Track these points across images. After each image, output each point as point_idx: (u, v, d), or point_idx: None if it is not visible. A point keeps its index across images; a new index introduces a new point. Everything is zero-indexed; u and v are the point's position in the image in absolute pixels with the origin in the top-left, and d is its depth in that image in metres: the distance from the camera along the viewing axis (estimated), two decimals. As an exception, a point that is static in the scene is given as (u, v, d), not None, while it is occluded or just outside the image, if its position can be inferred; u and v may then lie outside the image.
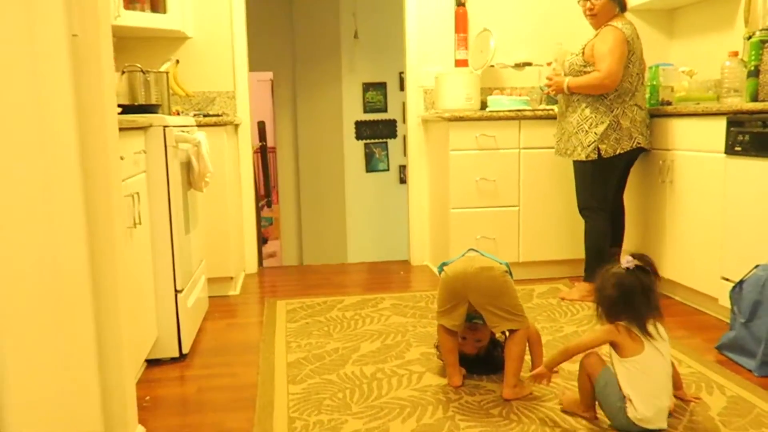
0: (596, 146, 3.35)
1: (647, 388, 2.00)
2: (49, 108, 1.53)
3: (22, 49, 1.36)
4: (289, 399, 2.35)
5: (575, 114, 3.43)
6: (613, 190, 3.53)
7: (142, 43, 4.08)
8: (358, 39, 6.50)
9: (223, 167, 3.69)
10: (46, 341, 1.38)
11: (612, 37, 3.28)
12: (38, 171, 1.40)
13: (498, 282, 2.34)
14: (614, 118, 3.33)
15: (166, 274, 2.71)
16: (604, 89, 3.31)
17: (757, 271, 2.60)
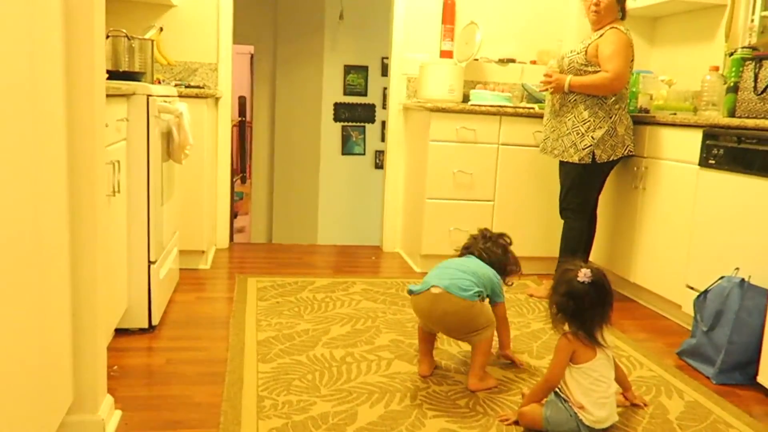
0: (591, 150, 3.33)
1: (600, 392, 2.04)
2: (41, 69, 1.50)
3: (20, 8, 1.33)
4: (259, 377, 2.35)
5: (570, 114, 3.38)
6: (597, 194, 3.57)
7: (127, 7, 4.00)
8: (342, 20, 6.46)
9: (201, 140, 3.66)
10: (19, 302, 1.36)
11: (618, 39, 3.25)
12: (26, 129, 1.38)
13: (462, 319, 2.36)
14: (612, 124, 3.32)
15: (140, 244, 2.69)
16: (611, 90, 3.27)
17: (722, 282, 2.68)
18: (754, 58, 2.97)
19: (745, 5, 3.66)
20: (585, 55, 3.32)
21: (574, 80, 3.31)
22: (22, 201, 1.38)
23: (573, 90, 3.33)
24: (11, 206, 1.31)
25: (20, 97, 1.36)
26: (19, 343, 1.38)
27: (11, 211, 1.31)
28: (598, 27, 3.36)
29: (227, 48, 4.26)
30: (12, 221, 1.32)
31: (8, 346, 1.32)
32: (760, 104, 2.88)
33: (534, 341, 2.89)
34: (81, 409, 1.84)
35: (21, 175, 1.36)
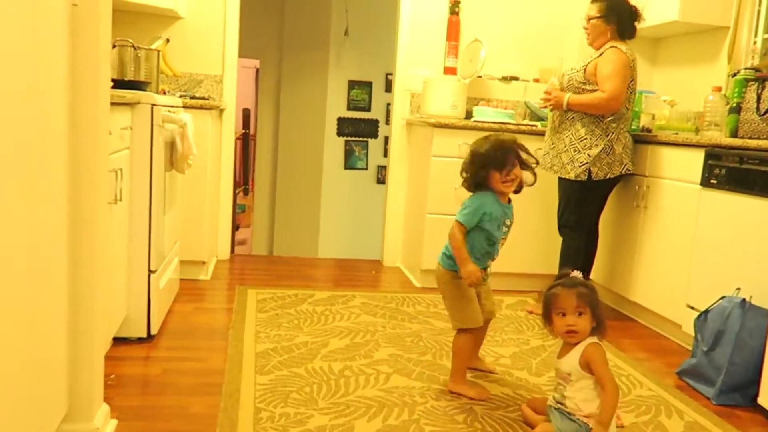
0: (588, 168, 3.36)
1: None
2: (45, 76, 1.51)
3: (24, 16, 1.35)
4: (256, 389, 2.35)
5: (568, 132, 3.41)
6: (595, 211, 3.58)
7: (133, 17, 4.03)
8: (348, 36, 6.50)
9: (205, 151, 3.67)
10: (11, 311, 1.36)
11: (617, 58, 3.28)
12: (26, 134, 1.39)
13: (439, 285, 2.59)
14: (609, 143, 3.34)
15: (141, 253, 2.69)
16: (607, 110, 3.30)
17: (723, 302, 2.67)
18: (757, 79, 2.98)
19: (747, 27, 3.68)
20: (584, 73, 3.35)
21: (572, 98, 3.36)
22: (19, 206, 1.38)
23: (571, 108, 3.37)
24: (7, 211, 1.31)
25: (22, 102, 1.37)
26: (13, 350, 1.38)
27: (6, 216, 1.31)
28: (594, 45, 3.43)
29: (233, 60, 4.29)
30: (7, 226, 1.32)
31: (2, 353, 1.32)
32: (762, 125, 2.89)
33: (533, 358, 2.88)
34: (76, 418, 1.83)
35: (18, 179, 1.37)
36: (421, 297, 3.72)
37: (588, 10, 3.44)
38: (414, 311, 3.44)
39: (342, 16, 6.50)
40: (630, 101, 3.41)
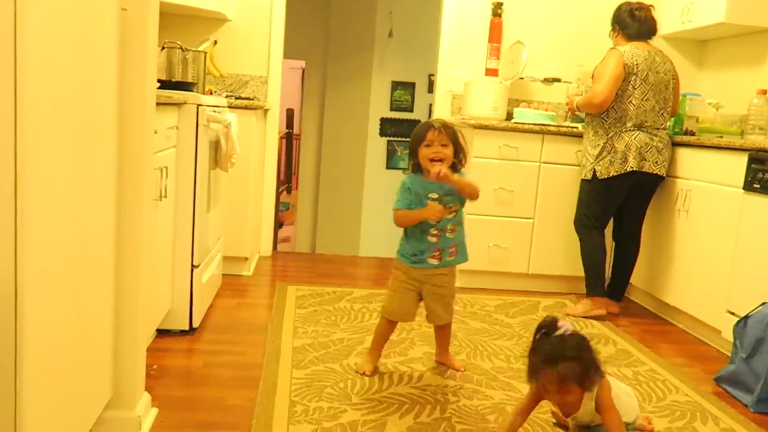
0: (593, 167, 3.48)
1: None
2: (97, 79, 1.58)
3: (77, 20, 1.42)
4: (292, 383, 2.41)
5: (587, 135, 3.62)
6: (611, 212, 3.60)
7: (183, 20, 4.15)
8: (392, 37, 6.56)
9: (249, 150, 3.76)
10: (65, 300, 1.44)
11: (609, 58, 3.44)
12: (79, 135, 1.47)
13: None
14: (609, 141, 3.44)
15: (184, 248, 2.78)
16: (593, 108, 3.44)
17: (764, 309, 2.62)
18: (804, 83, 2.93)
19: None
20: (592, 77, 3.55)
21: (578, 100, 3.59)
22: (72, 202, 1.46)
23: (579, 110, 3.61)
24: (60, 207, 1.39)
25: (76, 104, 1.44)
26: (62, 338, 1.46)
27: (60, 211, 1.39)
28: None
29: (278, 62, 4.38)
30: (61, 221, 1.40)
31: (53, 341, 1.40)
32: (808, 129, 2.84)
33: (568, 361, 2.87)
34: (119, 405, 1.90)
35: (72, 178, 1.45)
36: (458, 297, 3.73)
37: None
38: (451, 311, 3.47)
39: (386, 17, 6.56)
40: (633, 101, 3.41)
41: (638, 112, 3.41)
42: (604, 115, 3.45)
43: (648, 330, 3.47)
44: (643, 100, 3.40)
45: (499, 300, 3.75)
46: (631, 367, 2.84)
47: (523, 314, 3.52)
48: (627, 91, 3.39)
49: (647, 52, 3.42)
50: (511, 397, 2.42)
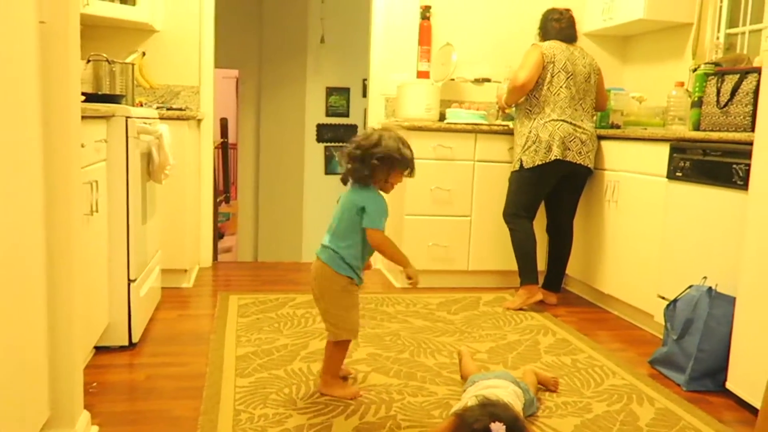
0: (520, 158, 3.60)
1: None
2: (15, 93, 1.56)
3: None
4: (236, 391, 2.40)
5: (515, 128, 3.76)
6: (538, 202, 3.72)
7: (110, 32, 4.08)
8: (324, 43, 6.59)
9: (183, 161, 3.72)
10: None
11: (527, 51, 3.63)
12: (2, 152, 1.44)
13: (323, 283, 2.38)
14: (533, 130, 3.57)
15: (120, 262, 2.74)
16: (517, 92, 3.60)
17: (691, 291, 2.74)
18: (716, 73, 3.06)
19: (711, 23, 3.78)
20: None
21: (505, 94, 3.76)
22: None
23: (507, 103, 3.77)
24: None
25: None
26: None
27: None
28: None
29: (209, 71, 4.34)
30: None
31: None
32: (723, 117, 2.97)
33: (509, 352, 2.94)
34: (57, 425, 1.86)
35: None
36: (401, 297, 3.78)
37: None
38: (394, 311, 3.51)
39: (318, 24, 6.59)
40: (552, 89, 3.55)
41: (557, 99, 3.54)
42: (527, 104, 3.59)
43: (585, 318, 3.57)
44: (562, 88, 3.53)
45: (441, 298, 3.80)
46: (570, 355, 2.92)
47: (465, 310, 3.58)
48: (546, 80, 3.54)
49: (565, 46, 3.59)
50: (454, 392, 2.47)
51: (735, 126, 2.90)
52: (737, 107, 2.89)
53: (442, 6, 4.48)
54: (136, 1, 3.89)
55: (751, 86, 2.83)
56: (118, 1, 3.83)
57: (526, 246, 3.64)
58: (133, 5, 3.88)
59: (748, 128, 2.82)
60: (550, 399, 2.45)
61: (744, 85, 2.87)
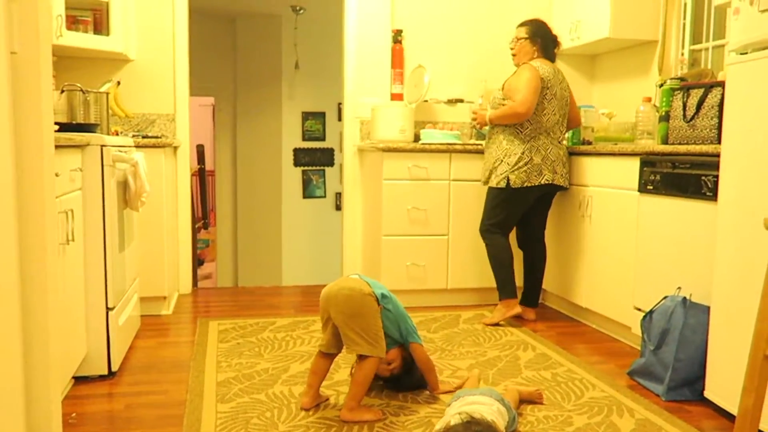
0: (507, 176, 3.57)
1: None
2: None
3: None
4: (217, 417, 2.39)
5: (494, 145, 3.67)
6: (515, 220, 3.74)
7: (84, 63, 4.10)
8: (298, 69, 6.64)
9: (160, 188, 3.72)
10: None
11: (526, 72, 3.55)
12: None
13: (354, 302, 2.41)
14: (527, 151, 3.56)
15: (97, 291, 2.73)
16: (519, 117, 3.52)
17: (666, 302, 2.77)
18: (682, 88, 3.13)
19: (675, 40, 3.88)
20: (502, 90, 3.64)
21: (492, 113, 3.64)
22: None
23: (492, 122, 3.65)
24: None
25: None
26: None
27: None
28: (517, 65, 3.70)
29: (184, 99, 4.36)
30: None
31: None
32: (690, 131, 3.04)
33: (490, 368, 2.96)
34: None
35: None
36: (382, 318, 3.79)
37: (516, 32, 3.72)
38: (374, 332, 3.50)
39: (292, 50, 6.65)
40: (556, 115, 3.59)
41: (549, 125, 3.59)
42: (519, 126, 3.57)
43: (563, 332, 3.60)
44: (552, 114, 3.59)
45: (420, 317, 3.81)
46: (550, 370, 2.94)
47: (444, 329, 3.59)
48: (541, 105, 3.55)
49: (552, 67, 3.63)
50: (436, 410, 2.47)
51: (702, 139, 2.96)
52: (703, 120, 2.96)
53: (413, 29, 4.55)
54: (109, 31, 3.91)
55: (716, 100, 2.89)
56: (92, 32, 3.85)
57: (503, 260, 3.68)
58: (106, 35, 3.90)
59: (714, 140, 2.88)
60: (531, 413, 2.47)
61: (709, 98, 2.94)
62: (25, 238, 1.79)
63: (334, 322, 2.44)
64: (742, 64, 2.36)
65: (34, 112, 1.80)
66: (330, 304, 2.44)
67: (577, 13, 4.22)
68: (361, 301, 2.42)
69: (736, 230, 2.38)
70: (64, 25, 3.58)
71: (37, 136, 1.81)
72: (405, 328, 2.58)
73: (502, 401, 2.25)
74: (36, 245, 1.82)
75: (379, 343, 2.42)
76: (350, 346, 2.42)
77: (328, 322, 2.47)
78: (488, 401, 2.21)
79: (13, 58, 1.74)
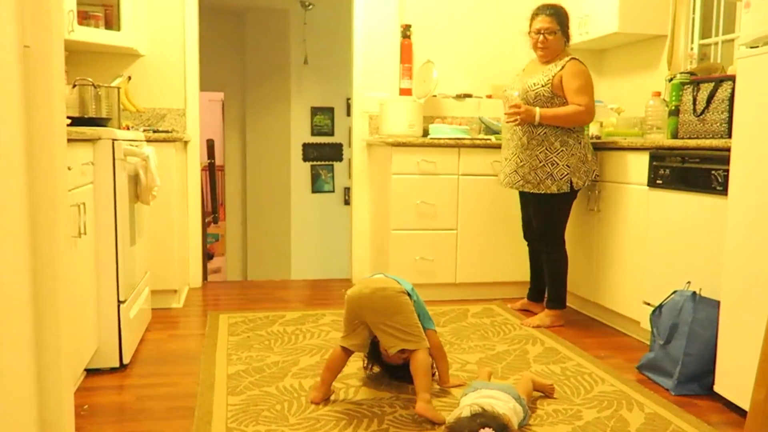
0: (569, 179, 3.42)
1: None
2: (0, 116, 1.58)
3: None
4: (228, 409, 2.40)
5: (542, 147, 3.42)
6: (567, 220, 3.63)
7: (95, 58, 4.12)
8: (307, 64, 6.65)
9: (170, 182, 3.74)
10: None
11: (583, 71, 3.39)
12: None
13: (391, 301, 2.44)
14: (583, 150, 3.44)
15: (109, 284, 2.75)
16: (584, 123, 3.42)
17: (675, 296, 2.77)
18: (692, 82, 3.13)
19: (684, 34, 3.86)
20: (551, 87, 3.39)
21: (545, 112, 3.36)
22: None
23: (544, 122, 3.37)
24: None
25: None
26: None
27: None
28: (549, 58, 3.48)
29: (194, 94, 4.38)
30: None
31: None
32: (699, 125, 3.03)
33: (499, 363, 2.96)
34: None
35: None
36: (391, 312, 3.80)
37: (542, 22, 3.45)
38: (383, 326, 3.52)
39: (301, 45, 6.66)
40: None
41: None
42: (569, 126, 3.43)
43: (572, 327, 3.60)
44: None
45: (429, 310, 3.79)
46: (559, 364, 2.95)
47: (452, 323, 3.60)
48: None
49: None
50: (445, 404, 2.48)
51: (712, 133, 2.96)
52: (713, 114, 2.95)
53: (422, 24, 4.55)
54: (120, 27, 3.93)
55: (726, 94, 2.89)
56: (103, 27, 3.88)
57: (566, 270, 3.61)
58: (117, 30, 3.93)
59: (724, 135, 2.87)
60: (540, 407, 2.47)
61: (719, 92, 2.93)
62: (37, 231, 1.80)
63: (369, 324, 2.45)
64: (754, 58, 2.35)
65: (46, 105, 1.81)
66: (365, 307, 2.45)
67: (585, 7, 4.20)
68: (398, 299, 2.45)
69: (746, 225, 2.38)
70: (75, 21, 3.60)
71: (49, 129, 1.82)
72: (423, 315, 2.59)
73: (518, 399, 2.25)
74: (48, 238, 1.83)
75: (422, 335, 2.46)
76: (395, 345, 2.43)
77: (360, 324, 2.47)
78: (505, 397, 2.22)
79: (26, 52, 1.75)
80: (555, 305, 3.62)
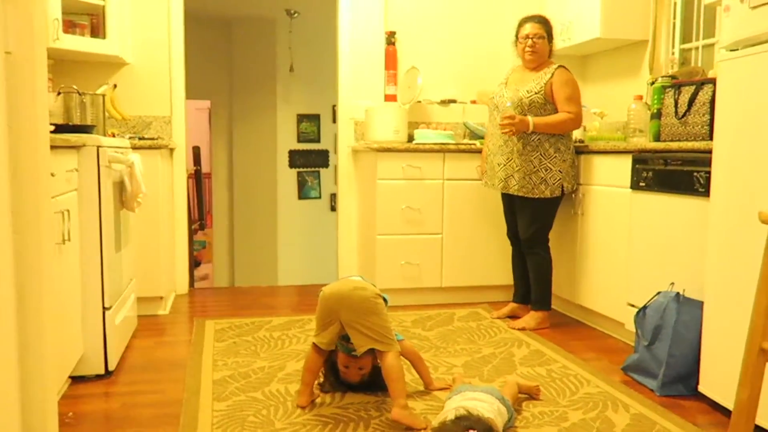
0: (561, 183, 3.52)
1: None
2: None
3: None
4: (213, 415, 2.40)
5: (536, 153, 3.49)
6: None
7: (81, 66, 4.11)
8: (293, 72, 6.68)
9: (156, 189, 3.74)
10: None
11: (571, 79, 3.51)
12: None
13: (369, 302, 2.42)
14: (571, 156, 3.55)
15: (94, 291, 2.74)
16: (572, 130, 3.56)
17: (659, 298, 2.79)
18: (673, 86, 3.16)
19: (665, 39, 3.90)
20: (544, 94, 3.47)
21: (538, 120, 3.45)
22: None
23: (536, 130, 3.45)
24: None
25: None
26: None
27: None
28: (535, 65, 3.57)
29: (180, 101, 4.38)
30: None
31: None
32: (681, 127, 3.06)
33: (485, 365, 2.97)
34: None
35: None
36: (378, 317, 3.80)
37: (531, 28, 3.55)
38: (370, 331, 3.52)
39: (286, 53, 6.67)
40: None
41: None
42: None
43: (557, 329, 3.62)
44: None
45: (415, 315, 3.83)
46: (545, 366, 2.96)
47: (439, 326, 3.61)
48: None
49: None
50: (432, 407, 2.49)
51: (694, 135, 2.99)
52: (695, 117, 2.98)
53: (406, 31, 4.58)
54: (106, 35, 3.93)
55: (707, 96, 2.92)
56: (89, 36, 3.87)
57: (551, 273, 3.68)
58: (103, 39, 3.92)
59: (706, 137, 2.90)
60: (526, 409, 2.48)
61: (700, 95, 2.97)
62: (20, 237, 1.79)
63: (344, 322, 2.43)
64: (734, 61, 2.38)
65: (29, 111, 1.80)
66: (342, 304, 2.43)
67: (568, 14, 4.24)
68: (375, 300, 2.45)
69: (728, 225, 2.40)
70: (60, 29, 3.59)
71: (32, 135, 1.81)
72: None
73: (503, 401, 2.26)
74: (31, 245, 1.81)
75: (395, 339, 2.45)
76: (366, 344, 2.39)
77: (333, 322, 2.45)
78: (489, 399, 2.23)
79: (8, 58, 1.75)
80: (540, 306, 3.65)
